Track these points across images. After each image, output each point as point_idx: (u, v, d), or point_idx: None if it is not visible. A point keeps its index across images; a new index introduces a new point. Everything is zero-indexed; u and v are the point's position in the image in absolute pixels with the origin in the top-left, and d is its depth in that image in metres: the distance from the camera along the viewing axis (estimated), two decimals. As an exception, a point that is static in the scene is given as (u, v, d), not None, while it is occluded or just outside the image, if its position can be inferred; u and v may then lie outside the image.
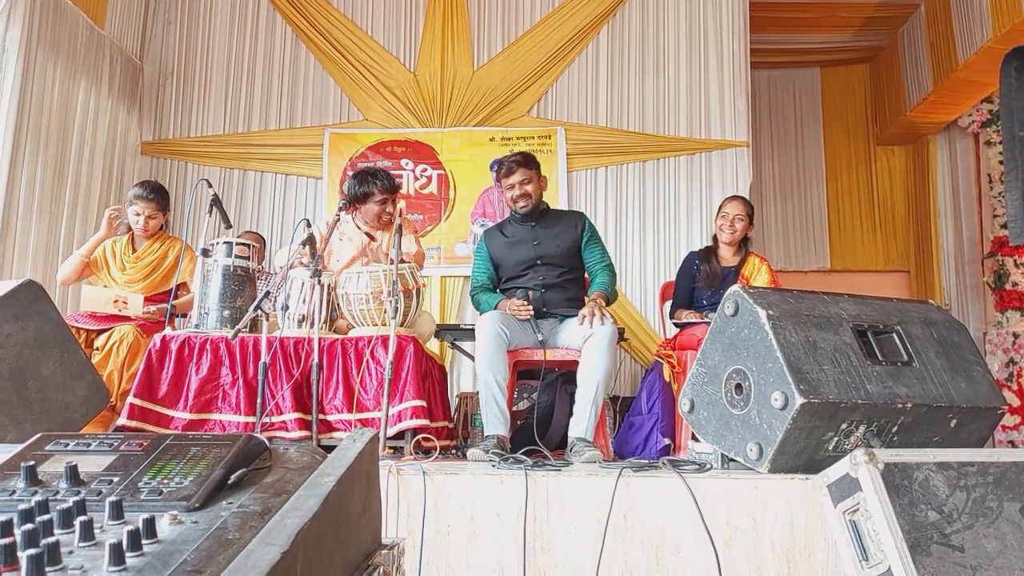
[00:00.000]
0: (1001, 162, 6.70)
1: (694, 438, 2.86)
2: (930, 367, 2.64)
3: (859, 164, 7.82)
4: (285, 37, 6.05)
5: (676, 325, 4.16)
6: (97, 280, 4.13)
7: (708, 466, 2.62)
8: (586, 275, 3.91)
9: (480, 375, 3.40)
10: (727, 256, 4.24)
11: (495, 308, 3.61)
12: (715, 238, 4.31)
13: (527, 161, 3.82)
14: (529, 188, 3.78)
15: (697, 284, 4.19)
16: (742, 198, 4.41)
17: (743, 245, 4.25)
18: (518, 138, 5.78)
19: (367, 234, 3.92)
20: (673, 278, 4.47)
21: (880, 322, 2.69)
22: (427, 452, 3.11)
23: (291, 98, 5.98)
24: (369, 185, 3.85)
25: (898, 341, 2.66)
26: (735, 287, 2.64)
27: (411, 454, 3.06)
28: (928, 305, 2.97)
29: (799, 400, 2.31)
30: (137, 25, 5.93)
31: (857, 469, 2.00)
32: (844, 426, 2.43)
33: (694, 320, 3.93)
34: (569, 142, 5.75)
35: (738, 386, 2.55)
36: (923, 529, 1.95)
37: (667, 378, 3.96)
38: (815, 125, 7.84)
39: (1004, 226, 6.69)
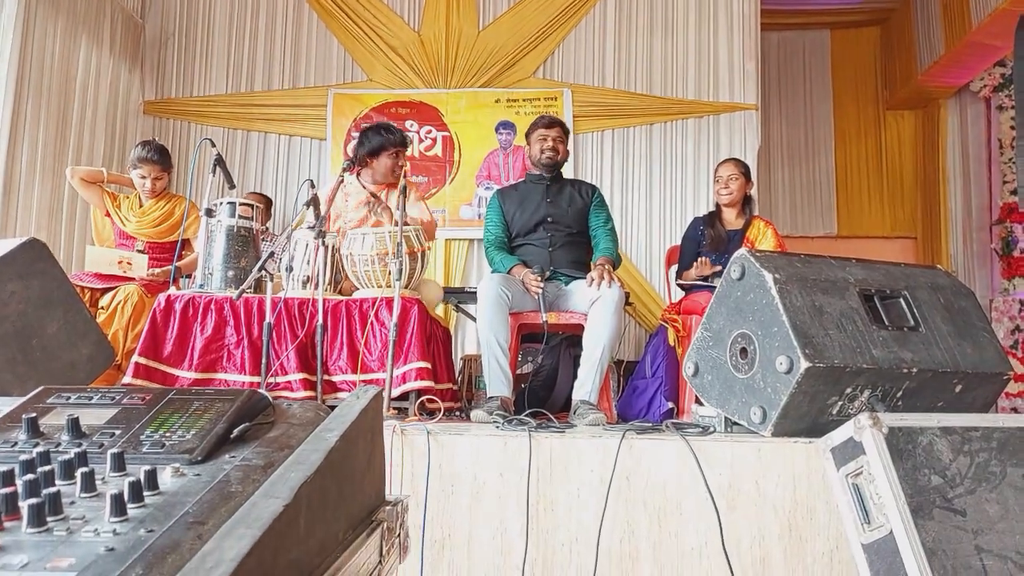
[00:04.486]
0: (1013, 127, 6.62)
1: (698, 402, 2.86)
2: (936, 332, 2.63)
3: (868, 129, 7.72)
4: (288, -6, 5.97)
5: (681, 287, 4.15)
6: (104, 234, 4.14)
7: (711, 429, 2.62)
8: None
9: (482, 337, 3.40)
10: (731, 219, 4.22)
11: (509, 272, 3.61)
12: (717, 204, 4.30)
13: (565, 129, 4.04)
14: (561, 146, 3.95)
15: (702, 248, 4.17)
16: (734, 159, 4.41)
17: (746, 207, 4.24)
18: (524, 99, 5.73)
19: (372, 194, 3.90)
20: (679, 242, 4.46)
21: (887, 287, 2.67)
22: (431, 413, 3.12)
23: (294, 58, 5.92)
24: (381, 139, 3.87)
25: (905, 306, 2.65)
26: (742, 251, 2.62)
27: (415, 415, 3.07)
28: (935, 270, 2.95)
29: (804, 364, 2.30)
30: (138, -18, 5.86)
31: (861, 433, 2.00)
32: (848, 390, 2.42)
33: (699, 283, 3.91)
34: (576, 104, 5.69)
35: (743, 350, 2.54)
36: (926, 493, 1.95)
37: (671, 342, 3.95)
38: (824, 88, 7.74)
39: (1014, 192, 6.64)
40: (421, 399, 3.15)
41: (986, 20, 5.79)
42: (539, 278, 3.51)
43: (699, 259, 4.03)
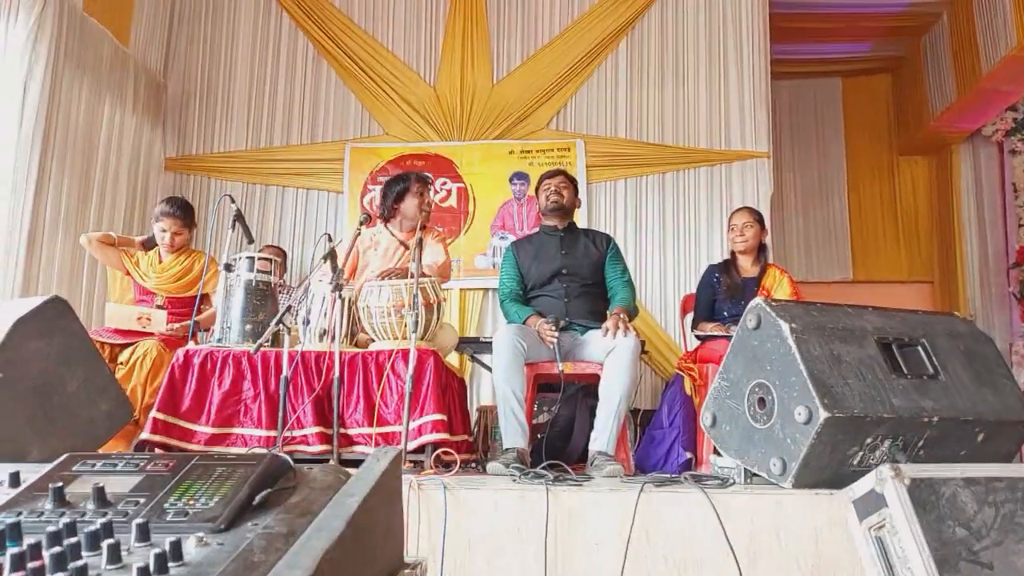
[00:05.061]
0: (1026, 171, 6.63)
1: (716, 452, 2.84)
2: (956, 380, 2.61)
3: (881, 174, 7.75)
4: (307, 53, 6.11)
5: (698, 337, 4.14)
6: (121, 292, 4.19)
7: (731, 481, 2.60)
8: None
9: (498, 388, 3.40)
10: (746, 266, 4.22)
11: (524, 322, 3.62)
12: (732, 252, 4.31)
13: (569, 176, 4.08)
14: (564, 192, 3.95)
15: (717, 297, 4.17)
16: (748, 207, 4.43)
17: (761, 254, 4.24)
18: (537, 151, 5.80)
19: (401, 243, 3.96)
20: (693, 290, 4.46)
21: (905, 335, 2.66)
22: (447, 466, 3.10)
23: (312, 113, 6.04)
24: (403, 182, 3.98)
25: (923, 354, 2.63)
26: (757, 300, 2.62)
27: (431, 468, 3.05)
28: (953, 317, 2.94)
29: (823, 414, 2.28)
30: (161, 43, 6.02)
31: (883, 485, 1.98)
32: (869, 441, 2.40)
33: (718, 333, 3.90)
34: (588, 154, 5.75)
35: (761, 400, 2.53)
36: (951, 545, 1.92)
37: (688, 391, 3.93)
38: (836, 136, 7.79)
39: (1030, 236, 6.61)
40: (437, 452, 3.14)
41: (996, 66, 5.84)
42: (554, 328, 3.51)
43: (711, 327, 4.04)
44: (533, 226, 5.18)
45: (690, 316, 4.41)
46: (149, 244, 4.21)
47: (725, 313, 4.09)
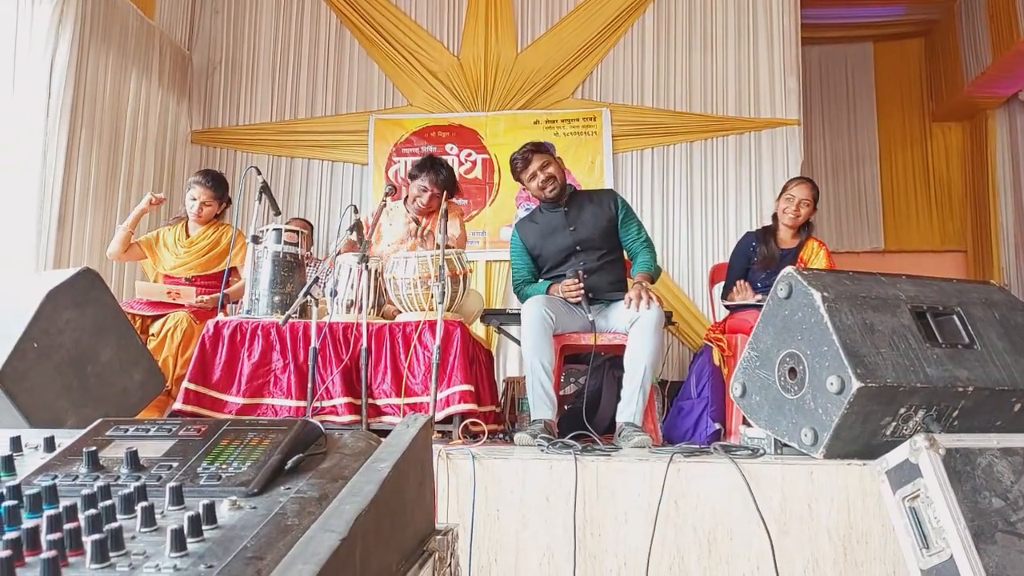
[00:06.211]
0: (1065, 137, 6.46)
1: (745, 423, 2.82)
2: (992, 349, 2.56)
3: (914, 141, 7.60)
4: (330, 24, 6.08)
5: (727, 307, 4.09)
6: (148, 268, 4.23)
7: (761, 451, 2.58)
8: (625, 254, 3.84)
9: (526, 360, 3.38)
10: (786, 238, 4.12)
11: (547, 291, 3.58)
12: (775, 217, 4.20)
13: (538, 147, 3.76)
14: (551, 170, 3.70)
15: (752, 265, 4.09)
16: (809, 181, 4.19)
17: (804, 228, 4.12)
18: (563, 120, 5.74)
19: (414, 219, 3.95)
20: (722, 260, 4.39)
21: (940, 303, 2.61)
22: (475, 436, 3.11)
23: (336, 85, 6.02)
24: (420, 170, 3.93)
25: (958, 323, 2.58)
26: (788, 269, 2.58)
27: (459, 438, 3.07)
28: (989, 286, 2.88)
29: (856, 384, 2.25)
30: (185, 15, 6.02)
31: (917, 455, 1.95)
32: (903, 411, 2.36)
33: (748, 302, 3.84)
34: (615, 123, 5.69)
35: (792, 370, 2.50)
36: (987, 516, 1.89)
37: (717, 362, 3.90)
38: (868, 102, 7.64)
39: (1067, 203, 6.46)
40: (465, 422, 3.15)
41: (1035, 28, 5.68)
42: (576, 281, 3.46)
43: (738, 283, 3.96)
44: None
45: (719, 286, 4.35)
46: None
47: (758, 284, 4.02)
